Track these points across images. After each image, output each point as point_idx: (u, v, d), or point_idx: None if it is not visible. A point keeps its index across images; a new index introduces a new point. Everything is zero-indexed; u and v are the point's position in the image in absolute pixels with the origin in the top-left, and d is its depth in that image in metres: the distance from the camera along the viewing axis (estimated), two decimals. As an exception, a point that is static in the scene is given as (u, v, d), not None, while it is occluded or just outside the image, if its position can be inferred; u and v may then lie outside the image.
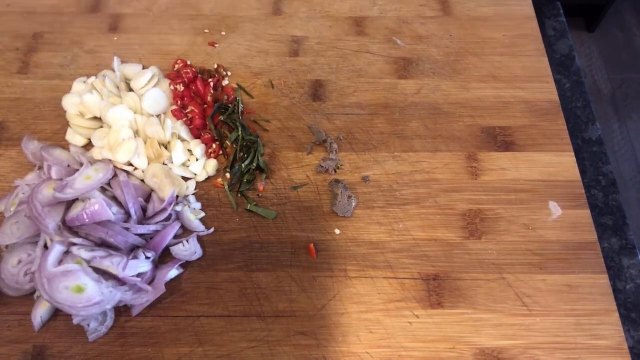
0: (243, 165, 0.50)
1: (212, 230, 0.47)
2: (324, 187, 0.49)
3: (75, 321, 0.42)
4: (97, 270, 0.42)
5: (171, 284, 0.45)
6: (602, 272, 0.45)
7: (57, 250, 0.42)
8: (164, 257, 0.46)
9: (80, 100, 0.51)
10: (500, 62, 0.57)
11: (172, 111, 0.52)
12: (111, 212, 0.43)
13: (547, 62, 0.56)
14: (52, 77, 0.57)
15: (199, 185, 0.50)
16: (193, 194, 0.49)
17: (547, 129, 0.52)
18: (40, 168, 0.49)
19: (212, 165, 0.50)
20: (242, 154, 0.50)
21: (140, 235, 0.45)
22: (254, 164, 0.50)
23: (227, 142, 0.52)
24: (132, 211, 0.46)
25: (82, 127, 0.51)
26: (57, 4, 0.62)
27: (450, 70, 0.56)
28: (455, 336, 0.43)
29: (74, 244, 0.43)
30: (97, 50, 0.58)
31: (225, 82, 0.56)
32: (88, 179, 0.45)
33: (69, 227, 0.43)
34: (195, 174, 0.50)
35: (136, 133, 0.50)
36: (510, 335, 0.43)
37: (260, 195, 0.49)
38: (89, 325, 0.43)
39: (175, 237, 0.47)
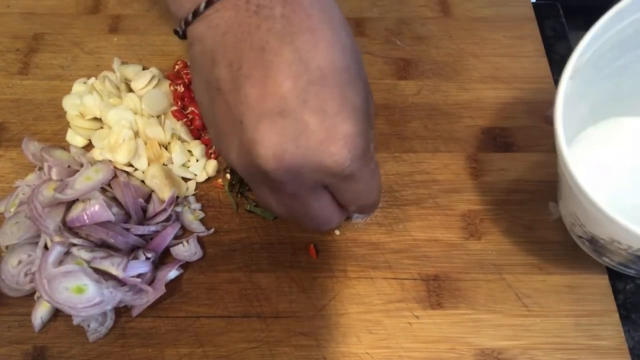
0: (243, 165, 0.50)
1: (212, 230, 0.47)
2: (323, 188, 0.49)
3: (76, 322, 0.42)
4: (97, 271, 0.42)
5: (171, 285, 0.45)
6: (602, 272, 0.45)
7: (57, 250, 0.42)
8: (164, 258, 0.46)
9: (80, 101, 0.51)
10: (500, 62, 0.57)
11: (172, 112, 0.52)
12: (111, 213, 0.43)
13: (546, 62, 0.57)
14: (52, 78, 0.57)
15: (199, 185, 0.50)
16: (193, 195, 0.50)
17: (547, 130, 0.52)
18: (41, 169, 0.49)
19: (212, 165, 0.50)
20: (242, 155, 0.50)
21: (140, 236, 0.45)
22: (254, 165, 0.50)
23: (227, 142, 0.52)
24: (132, 212, 0.46)
25: (82, 128, 0.51)
26: (57, 5, 0.62)
27: (450, 71, 0.56)
28: (455, 336, 0.43)
29: (74, 245, 0.43)
30: (97, 51, 0.59)
31: (225, 83, 0.56)
32: (88, 179, 0.45)
33: (69, 228, 0.43)
34: (195, 175, 0.50)
35: (136, 134, 0.50)
36: (510, 336, 0.43)
37: (260, 195, 0.49)
38: (89, 325, 0.43)
39: (175, 237, 0.47)
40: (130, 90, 0.54)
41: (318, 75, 0.29)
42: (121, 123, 0.49)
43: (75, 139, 0.52)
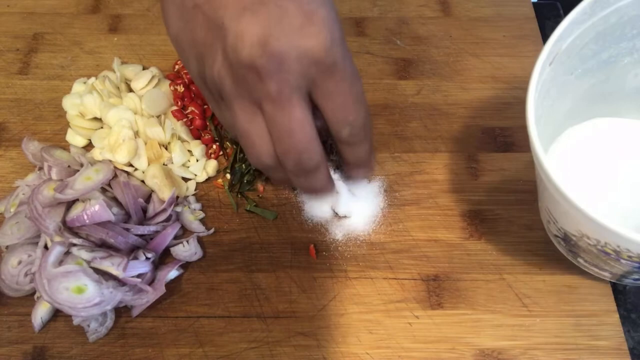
0: (243, 165, 0.50)
1: (212, 230, 0.47)
2: (323, 188, 0.49)
3: (76, 322, 0.42)
4: (98, 271, 0.42)
5: (171, 285, 0.45)
6: (602, 272, 0.45)
7: (57, 250, 0.42)
8: (164, 258, 0.46)
9: (81, 100, 0.51)
10: (500, 62, 0.57)
11: (172, 112, 0.52)
12: (111, 213, 0.43)
13: (546, 62, 0.56)
14: (52, 78, 0.57)
15: (199, 185, 0.50)
16: (193, 195, 0.50)
17: (547, 130, 0.52)
18: (41, 169, 0.49)
19: (212, 165, 0.50)
20: (242, 155, 0.50)
21: (140, 236, 0.45)
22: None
23: (227, 142, 0.52)
24: (132, 212, 0.46)
25: (82, 128, 0.51)
26: (57, 5, 0.62)
27: (450, 71, 0.56)
28: (455, 337, 0.43)
29: (74, 245, 0.43)
30: (97, 51, 0.59)
31: (225, 83, 0.56)
32: (88, 179, 0.45)
33: (69, 228, 0.43)
34: (195, 175, 0.50)
35: (136, 134, 0.50)
36: (510, 336, 0.43)
37: (260, 195, 0.49)
38: (89, 325, 0.43)
39: (175, 237, 0.47)
40: (130, 90, 0.54)
41: None
42: (121, 123, 0.49)
43: (75, 139, 0.52)
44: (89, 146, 0.52)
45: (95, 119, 0.51)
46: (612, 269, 0.39)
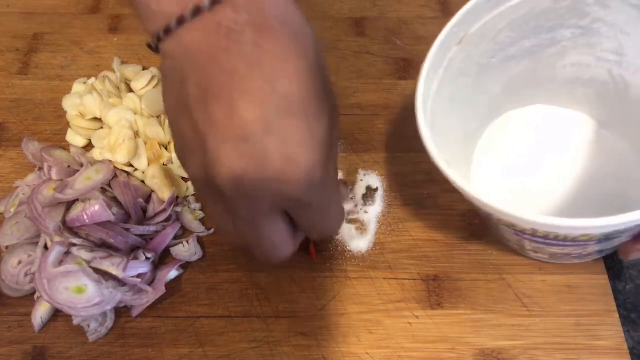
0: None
1: (212, 230, 0.47)
2: (323, 188, 0.49)
3: (76, 322, 0.42)
4: (98, 271, 0.42)
5: (171, 285, 0.45)
6: (602, 272, 0.45)
7: (57, 250, 0.42)
8: (164, 258, 0.46)
9: (80, 101, 0.51)
10: (500, 62, 0.57)
11: (172, 112, 0.52)
12: (111, 213, 0.43)
13: (546, 62, 0.56)
14: (52, 78, 0.57)
15: (199, 185, 0.50)
16: (193, 195, 0.49)
17: (547, 130, 0.52)
18: (41, 169, 0.49)
19: (212, 165, 0.50)
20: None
21: (140, 236, 0.45)
22: (254, 165, 0.50)
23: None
24: (132, 212, 0.46)
25: (82, 128, 0.51)
26: (57, 5, 0.62)
27: (450, 71, 0.56)
28: (455, 337, 0.43)
29: (74, 245, 0.43)
30: (97, 51, 0.59)
31: (225, 83, 0.56)
32: (88, 179, 0.45)
33: (69, 228, 0.43)
34: (195, 175, 0.50)
35: (136, 134, 0.50)
36: (510, 336, 0.43)
37: (260, 195, 0.49)
38: (89, 325, 0.43)
39: (175, 237, 0.47)
40: (130, 90, 0.54)
41: (285, 105, 0.29)
42: (121, 123, 0.49)
43: (75, 139, 0.52)
44: (89, 146, 0.52)
45: (95, 119, 0.51)
46: (511, 238, 0.40)
